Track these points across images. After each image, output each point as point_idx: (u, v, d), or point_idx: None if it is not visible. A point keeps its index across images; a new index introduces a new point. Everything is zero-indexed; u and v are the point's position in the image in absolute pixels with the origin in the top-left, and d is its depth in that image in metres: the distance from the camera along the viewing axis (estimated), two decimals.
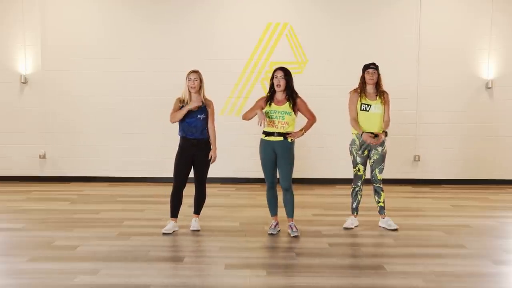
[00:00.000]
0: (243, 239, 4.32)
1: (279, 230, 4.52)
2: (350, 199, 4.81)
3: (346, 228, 4.66)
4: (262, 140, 4.46)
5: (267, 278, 3.37)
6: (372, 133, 4.51)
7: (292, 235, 4.35)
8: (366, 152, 4.62)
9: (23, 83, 7.16)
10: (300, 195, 5.85)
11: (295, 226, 4.44)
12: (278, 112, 4.33)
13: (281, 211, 4.57)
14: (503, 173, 7.35)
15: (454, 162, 7.34)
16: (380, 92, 4.58)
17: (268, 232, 4.45)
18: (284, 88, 4.32)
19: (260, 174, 7.26)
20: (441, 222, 5.01)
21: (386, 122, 4.62)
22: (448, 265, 3.67)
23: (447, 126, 7.27)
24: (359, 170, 4.66)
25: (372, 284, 3.28)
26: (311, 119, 4.45)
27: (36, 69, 7.18)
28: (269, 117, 4.37)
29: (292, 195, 4.45)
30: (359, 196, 4.73)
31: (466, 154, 7.32)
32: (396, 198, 6.27)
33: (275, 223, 4.53)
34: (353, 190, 4.75)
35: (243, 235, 4.43)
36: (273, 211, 4.54)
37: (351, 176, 4.75)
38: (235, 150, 7.19)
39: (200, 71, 4.50)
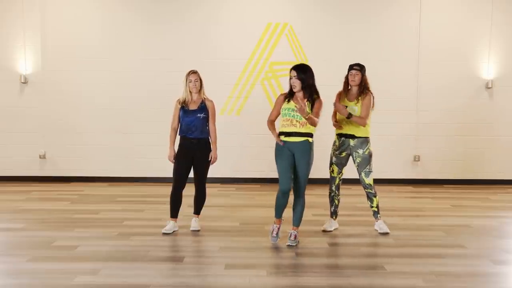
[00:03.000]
0: (243, 239, 4.32)
1: (280, 235, 4.22)
2: (342, 201, 4.74)
3: (324, 231, 4.58)
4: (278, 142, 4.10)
5: (267, 278, 3.37)
6: (343, 134, 4.46)
7: (287, 243, 4.09)
8: (343, 154, 4.52)
9: (23, 83, 7.16)
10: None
11: (296, 236, 4.13)
12: (296, 110, 3.98)
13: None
14: (503, 173, 7.35)
15: (454, 162, 7.33)
16: (362, 93, 4.42)
17: (271, 241, 4.15)
18: (300, 88, 4.02)
19: (260, 174, 7.35)
20: (441, 222, 5.01)
21: (359, 117, 4.37)
22: (448, 265, 3.67)
23: (447, 126, 7.27)
24: (333, 171, 4.58)
25: (372, 284, 3.28)
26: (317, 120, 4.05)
27: (36, 69, 7.18)
28: (286, 115, 4.03)
29: (304, 203, 4.16)
30: (336, 201, 4.64)
31: (466, 154, 7.32)
32: (396, 198, 6.28)
33: (277, 227, 4.16)
34: (329, 195, 4.66)
35: (243, 235, 4.43)
36: (279, 213, 4.16)
37: (351, 176, 4.72)
38: (235, 150, 7.20)
39: (198, 71, 4.50)
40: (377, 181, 4.65)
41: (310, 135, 4.05)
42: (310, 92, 4.04)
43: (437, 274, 3.46)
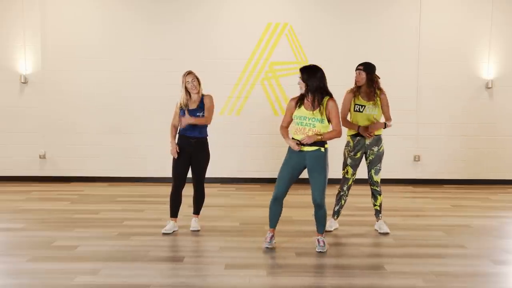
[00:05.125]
0: (243, 239, 4.32)
1: (275, 242, 4.13)
2: (347, 201, 4.72)
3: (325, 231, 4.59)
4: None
5: (267, 278, 3.37)
6: (360, 134, 4.41)
7: (317, 250, 3.97)
8: (358, 155, 4.50)
9: (23, 83, 7.16)
10: (300, 195, 5.84)
11: (324, 242, 4.01)
12: (308, 119, 3.80)
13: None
14: (503, 173, 7.35)
15: (454, 162, 7.33)
16: (375, 92, 4.42)
17: (264, 246, 4.04)
18: (314, 90, 3.80)
19: (260, 174, 7.35)
20: (441, 222, 5.01)
21: (387, 119, 4.50)
22: (448, 265, 3.67)
23: (447, 126, 7.27)
24: (347, 172, 4.55)
25: (372, 284, 3.28)
26: (336, 130, 3.86)
27: (36, 69, 7.18)
28: (298, 124, 3.86)
29: (325, 212, 3.95)
30: (342, 201, 4.63)
31: (466, 154, 7.32)
32: (396, 198, 6.28)
33: (270, 235, 4.07)
34: (338, 193, 4.65)
35: (243, 235, 4.43)
36: (273, 223, 4.07)
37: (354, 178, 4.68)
38: (235, 150, 7.20)
39: (193, 71, 4.46)
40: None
41: (323, 143, 3.86)
42: (318, 95, 3.82)
43: (437, 274, 3.46)
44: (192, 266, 3.63)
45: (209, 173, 4.61)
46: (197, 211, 4.64)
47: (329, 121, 3.86)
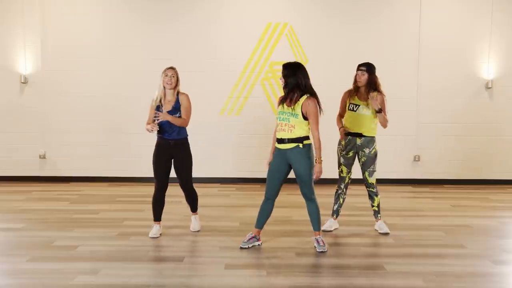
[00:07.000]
0: (243, 239, 4.31)
1: (259, 245, 4.13)
2: (345, 200, 4.72)
3: (324, 231, 4.54)
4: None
5: (267, 278, 3.37)
6: (351, 133, 4.43)
7: (318, 250, 3.97)
8: (350, 154, 4.50)
9: (23, 83, 7.16)
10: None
11: (323, 241, 4.02)
12: (285, 113, 3.88)
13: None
14: (503, 173, 7.35)
15: (454, 162, 7.33)
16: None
17: (241, 246, 4.05)
18: (292, 87, 3.86)
19: (260, 174, 7.33)
20: (441, 222, 5.01)
21: (385, 117, 4.38)
22: (448, 265, 3.67)
23: (447, 126, 7.27)
24: (342, 171, 4.57)
25: (372, 284, 3.28)
26: (314, 135, 3.87)
27: (36, 69, 7.18)
28: (278, 119, 3.94)
29: (317, 205, 4.02)
30: (341, 199, 4.64)
31: (466, 154, 7.31)
32: (396, 198, 6.28)
33: (251, 235, 4.11)
34: (336, 192, 4.66)
35: (243, 235, 4.42)
36: (260, 223, 4.10)
37: (352, 176, 4.70)
38: (235, 150, 7.19)
39: (176, 69, 4.37)
40: (377, 181, 4.64)
41: (301, 139, 3.85)
42: (297, 92, 3.86)
43: (437, 274, 3.46)
44: (192, 266, 3.63)
45: (209, 173, 4.62)
46: (193, 209, 4.60)
47: (305, 118, 3.85)
